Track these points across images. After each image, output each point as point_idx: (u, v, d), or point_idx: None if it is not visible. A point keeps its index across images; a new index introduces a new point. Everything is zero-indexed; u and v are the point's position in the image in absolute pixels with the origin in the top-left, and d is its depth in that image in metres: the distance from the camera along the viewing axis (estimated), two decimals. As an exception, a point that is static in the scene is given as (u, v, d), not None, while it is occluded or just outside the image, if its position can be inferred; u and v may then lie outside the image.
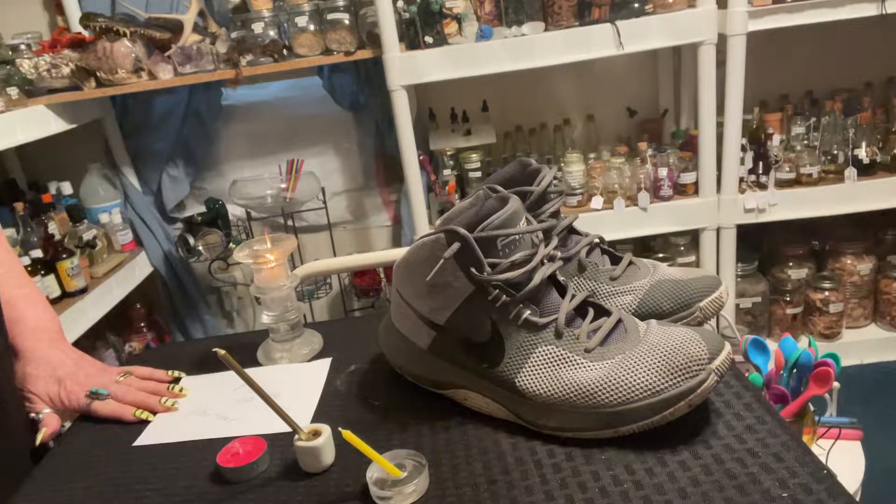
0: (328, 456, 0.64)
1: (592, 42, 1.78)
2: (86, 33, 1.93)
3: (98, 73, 1.89)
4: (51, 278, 1.80)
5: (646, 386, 0.59)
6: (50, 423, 0.77)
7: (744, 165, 1.96)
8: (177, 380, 0.84)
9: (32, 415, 0.78)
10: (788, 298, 2.14)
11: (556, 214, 0.75)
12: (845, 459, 1.32)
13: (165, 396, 0.79)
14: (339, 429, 0.60)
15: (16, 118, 1.78)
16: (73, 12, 2.08)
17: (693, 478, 0.55)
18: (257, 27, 1.95)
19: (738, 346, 1.26)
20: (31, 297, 0.85)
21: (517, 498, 0.56)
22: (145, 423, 0.76)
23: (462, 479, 0.60)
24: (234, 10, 2.02)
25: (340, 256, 2.28)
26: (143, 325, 2.36)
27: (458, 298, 0.64)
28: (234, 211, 2.28)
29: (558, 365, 0.62)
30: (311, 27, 1.91)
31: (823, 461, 0.69)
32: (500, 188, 0.68)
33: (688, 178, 1.97)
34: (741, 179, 1.98)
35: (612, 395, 0.60)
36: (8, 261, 0.88)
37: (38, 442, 0.75)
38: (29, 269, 1.73)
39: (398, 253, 0.80)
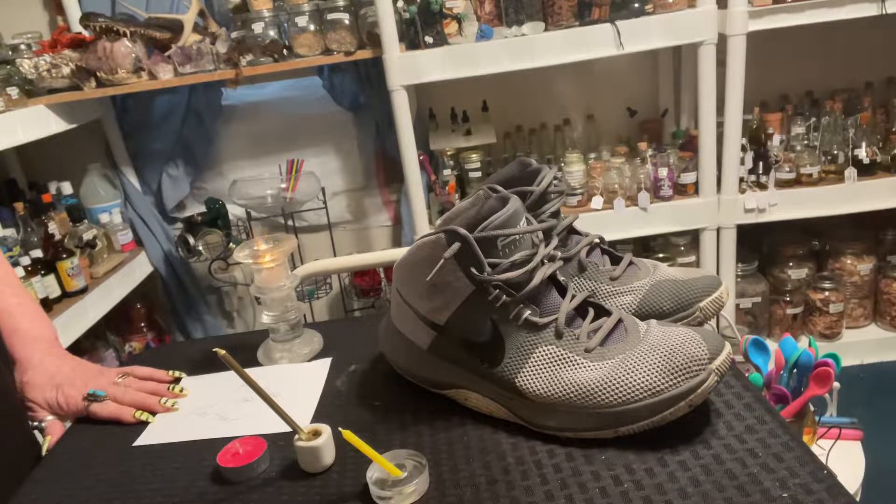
0: (328, 456, 0.64)
1: (592, 42, 1.78)
2: (86, 33, 1.93)
3: (98, 73, 1.89)
4: (51, 278, 1.80)
5: (646, 386, 0.59)
6: (54, 431, 0.77)
7: (744, 165, 1.96)
8: (177, 380, 0.84)
9: (35, 423, 0.78)
10: (788, 298, 2.14)
11: (556, 214, 0.75)
12: (845, 459, 1.32)
13: (165, 397, 0.79)
14: (339, 429, 0.60)
15: (16, 118, 1.78)
16: (73, 12, 2.08)
17: (693, 478, 0.55)
18: (257, 27, 1.95)
19: (738, 346, 1.26)
20: (26, 307, 0.85)
21: (517, 498, 0.56)
22: (145, 424, 0.76)
23: (462, 479, 0.60)
24: (234, 10, 2.02)
25: (340, 256, 2.28)
26: (143, 325, 2.36)
27: (458, 298, 0.64)
28: (234, 211, 2.28)
29: (558, 365, 0.62)
30: (311, 27, 1.91)
31: (823, 461, 0.69)
32: (500, 188, 0.68)
33: (688, 178, 1.97)
34: (741, 179, 1.97)
35: (612, 396, 0.60)
36: (1, 270, 0.88)
37: (44, 451, 0.75)
38: (29, 268, 1.74)
39: (398, 253, 0.80)
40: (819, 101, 2.10)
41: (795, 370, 1.24)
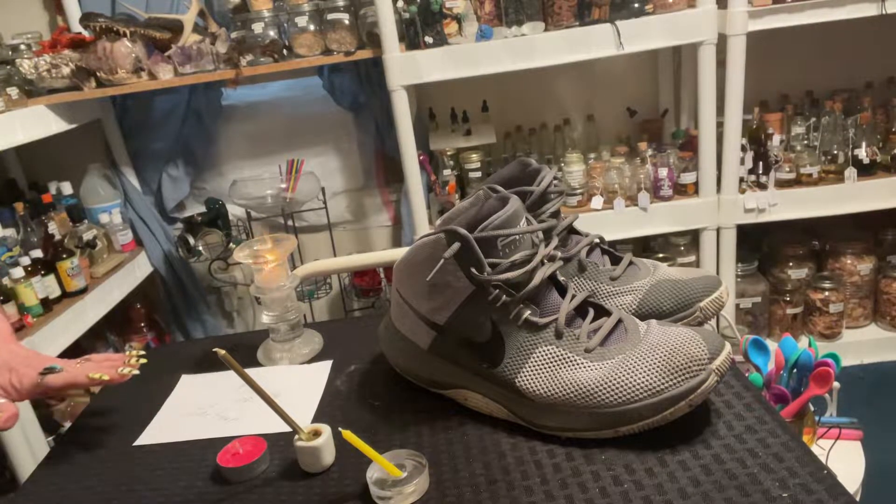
0: (328, 456, 0.64)
1: (592, 42, 1.78)
2: (86, 33, 1.93)
3: (98, 73, 1.89)
4: (51, 278, 1.80)
5: (646, 386, 0.59)
6: (4, 409, 0.74)
7: (744, 165, 1.96)
8: (139, 356, 0.82)
9: None
10: (788, 298, 2.14)
11: (556, 214, 0.75)
12: (845, 459, 1.32)
13: (121, 366, 0.77)
14: (339, 429, 0.60)
15: (16, 118, 1.78)
16: (73, 12, 2.08)
17: (693, 478, 0.55)
18: (257, 27, 1.94)
19: (738, 346, 1.26)
20: None
21: (517, 498, 0.56)
22: (102, 387, 0.73)
23: (462, 479, 0.60)
24: (234, 10, 2.02)
25: (340, 256, 2.28)
26: (143, 325, 2.36)
27: (458, 298, 0.64)
28: (234, 211, 2.28)
29: (558, 365, 0.62)
30: (311, 27, 1.91)
31: (823, 461, 0.69)
32: (500, 188, 0.68)
33: (688, 178, 1.97)
34: (741, 179, 1.97)
35: (612, 395, 0.60)
36: None
37: None
38: (29, 269, 1.73)
39: (398, 253, 0.80)
40: (819, 101, 2.10)
41: (795, 370, 1.24)
